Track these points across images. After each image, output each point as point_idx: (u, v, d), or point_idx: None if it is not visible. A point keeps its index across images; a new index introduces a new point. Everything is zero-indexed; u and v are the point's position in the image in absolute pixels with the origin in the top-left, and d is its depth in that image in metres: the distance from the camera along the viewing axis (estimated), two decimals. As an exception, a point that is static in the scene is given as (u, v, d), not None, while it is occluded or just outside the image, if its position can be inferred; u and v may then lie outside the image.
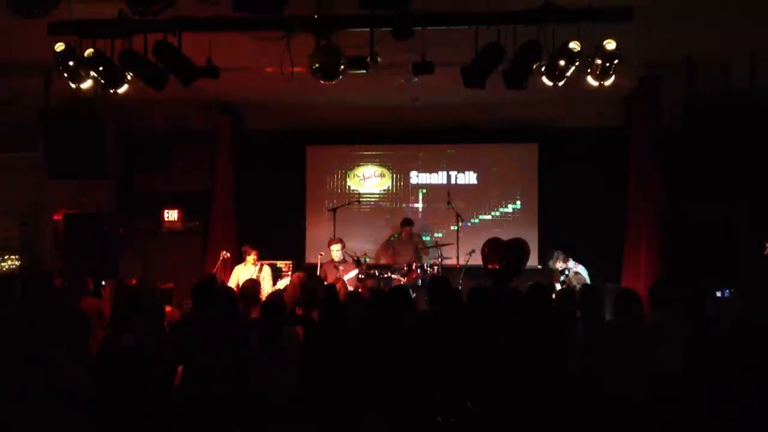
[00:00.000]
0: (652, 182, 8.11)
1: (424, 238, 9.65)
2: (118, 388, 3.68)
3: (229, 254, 8.59)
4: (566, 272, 7.62)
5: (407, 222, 9.31)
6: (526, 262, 8.33)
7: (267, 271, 8.19)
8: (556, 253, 7.99)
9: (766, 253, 7.98)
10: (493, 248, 8.32)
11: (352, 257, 8.47)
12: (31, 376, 3.33)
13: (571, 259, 7.94)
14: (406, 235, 9.23)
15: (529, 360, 4.23)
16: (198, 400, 3.84)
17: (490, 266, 8.01)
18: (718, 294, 7.03)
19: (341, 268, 8.24)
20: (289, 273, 8.48)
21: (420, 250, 9.18)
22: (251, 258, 8.09)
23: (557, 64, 5.61)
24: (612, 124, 9.04)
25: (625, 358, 4.50)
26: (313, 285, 6.10)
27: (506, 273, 7.96)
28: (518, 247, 8.31)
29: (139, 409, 3.61)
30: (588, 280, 7.56)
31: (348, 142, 10.36)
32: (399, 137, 10.14)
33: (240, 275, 7.97)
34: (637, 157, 8.31)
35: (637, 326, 4.70)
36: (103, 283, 7.22)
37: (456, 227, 9.04)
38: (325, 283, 7.11)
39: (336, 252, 8.40)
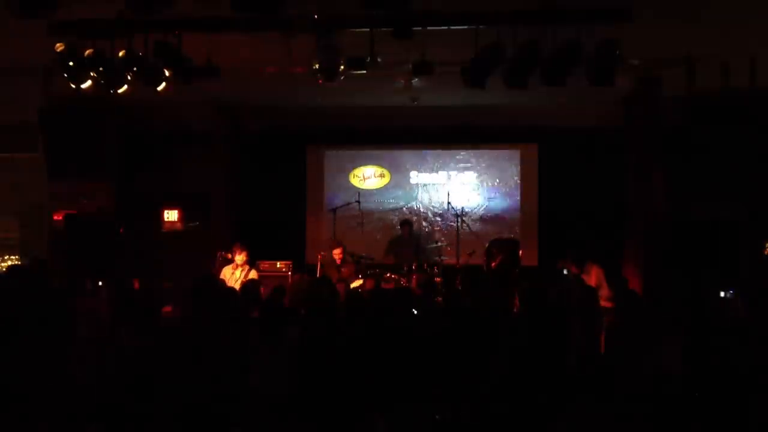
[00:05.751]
0: (652, 182, 8.10)
1: (423, 239, 9.66)
2: (118, 389, 3.68)
3: (229, 254, 8.55)
4: (564, 271, 7.58)
5: (406, 222, 9.33)
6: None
7: (254, 276, 7.68)
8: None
9: (766, 252, 7.99)
10: (496, 246, 8.24)
11: (351, 256, 8.46)
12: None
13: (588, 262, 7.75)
14: (405, 235, 9.24)
15: (527, 360, 4.23)
16: (198, 400, 3.84)
17: (493, 264, 7.92)
18: (722, 294, 7.01)
19: (343, 269, 8.23)
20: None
21: (419, 250, 9.19)
22: (240, 258, 7.67)
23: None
24: (612, 124, 9.03)
25: (624, 358, 4.50)
26: (317, 286, 6.08)
27: (507, 268, 7.87)
28: (513, 247, 8.20)
29: (138, 409, 3.61)
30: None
31: (348, 142, 10.36)
32: (399, 137, 10.15)
33: (226, 277, 7.61)
34: (637, 157, 8.31)
35: (637, 326, 4.70)
36: (100, 283, 7.20)
37: (456, 227, 9.05)
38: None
39: (336, 256, 8.32)
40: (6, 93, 8.07)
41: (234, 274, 7.64)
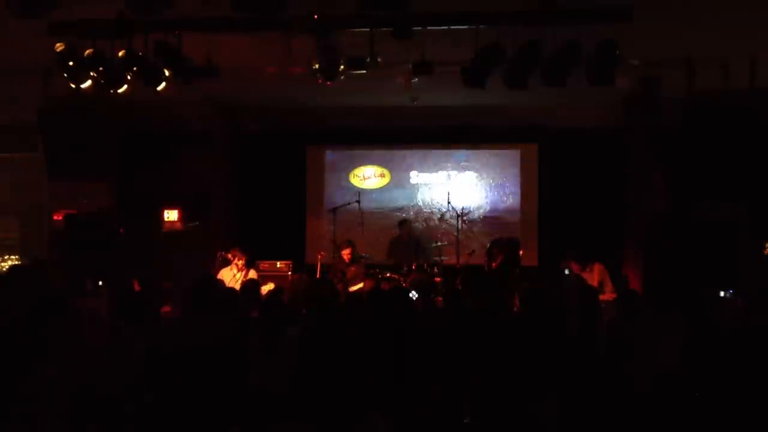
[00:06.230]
0: (652, 182, 8.11)
1: (423, 239, 9.66)
2: (118, 389, 3.68)
3: (229, 255, 8.54)
4: (566, 271, 7.58)
5: (404, 222, 9.34)
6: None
7: (253, 276, 7.66)
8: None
9: (766, 252, 7.99)
10: (496, 246, 8.25)
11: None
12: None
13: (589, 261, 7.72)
14: (404, 235, 9.25)
15: (527, 361, 4.23)
16: (197, 400, 3.84)
17: (494, 264, 7.94)
18: (722, 293, 7.01)
19: (351, 268, 8.24)
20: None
21: (419, 250, 9.19)
22: (239, 262, 7.73)
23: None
24: (612, 124, 9.04)
25: (624, 357, 4.50)
26: (317, 285, 6.09)
27: (508, 268, 7.88)
28: (513, 247, 8.21)
29: (138, 409, 3.61)
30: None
31: (348, 142, 10.37)
32: (399, 137, 10.15)
33: (225, 278, 7.57)
34: (637, 158, 8.33)
35: (637, 326, 4.70)
36: (100, 283, 7.20)
37: (456, 227, 9.05)
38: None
39: (345, 257, 8.38)
40: (6, 93, 8.08)
41: (234, 276, 7.66)
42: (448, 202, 9.21)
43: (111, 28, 5.69)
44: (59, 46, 5.77)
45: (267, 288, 6.99)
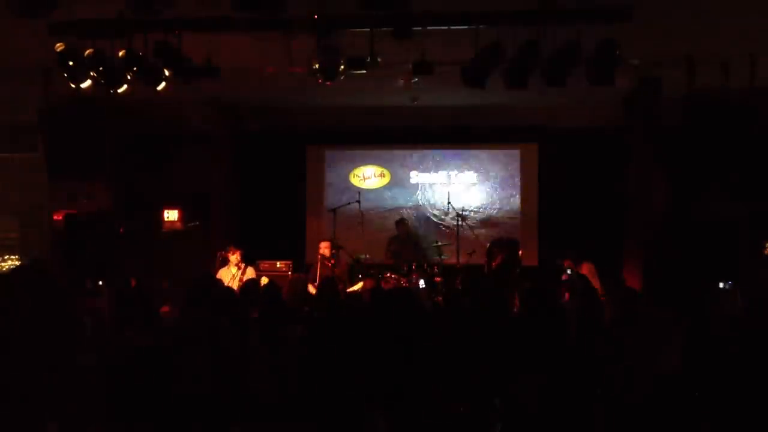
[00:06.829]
0: (652, 182, 8.11)
1: (422, 238, 9.67)
2: (116, 387, 3.68)
3: (227, 254, 8.53)
4: (568, 270, 7.59)
5: (401, 221, 9.35)
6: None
7: (251, 273, 7.73)
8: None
9: (766, 252, 7.98)
10: (496, 246, 8.25)
11: (351, 257, 8.46)
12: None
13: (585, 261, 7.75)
14: (402, 234, 9.25)
15: (527, 360, 4.23)
16: (197, 400, 3.84)
17: (494, 264, 7.94)
18: (721, 285, 6.98)
19: (336, 270, 8.18)
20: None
21: (419, 249, 9.19)
22: (234, 258, 7.72)
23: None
24: (612, 124, 9.04)
25: (624, 357, 4.50)
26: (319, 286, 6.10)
27: (508, 268, 7.88)
28: (513, 247, 8.22)
29: (137, 408, 3.61)
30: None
31: (348, 142, 10.38)
32: (399, 137, 10.16)
33: (224, 278, 7.54)
34: (637, 157, 8.32)
35: (637, 326, 4.69)
36: (100, 283, 7.20)
37: (456, 227, 9.05)
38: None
39: (324, 250, 8.28)
40: (6, 93, 8.08)
41: (233, 276, 7.67)
42: (448, 202, 9.21)
43: (111, 28, 5.69)
44: (59, 46, 5.77)
45: (262, 282, 6.97)
